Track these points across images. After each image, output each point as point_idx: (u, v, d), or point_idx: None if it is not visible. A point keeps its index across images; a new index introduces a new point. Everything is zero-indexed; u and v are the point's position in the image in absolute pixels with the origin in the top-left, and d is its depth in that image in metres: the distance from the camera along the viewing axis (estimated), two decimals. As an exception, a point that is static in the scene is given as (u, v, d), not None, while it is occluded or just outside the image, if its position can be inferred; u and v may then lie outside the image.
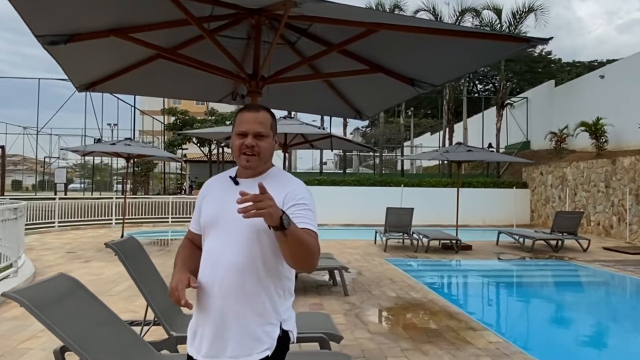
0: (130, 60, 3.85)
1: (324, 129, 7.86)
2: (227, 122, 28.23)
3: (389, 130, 35.15)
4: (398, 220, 11.68)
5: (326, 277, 7.92)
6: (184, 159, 36.16)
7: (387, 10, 22.29)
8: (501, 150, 24.16)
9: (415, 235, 11.88)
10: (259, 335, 1.79)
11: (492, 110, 25.44)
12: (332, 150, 8.69)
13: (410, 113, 37.13)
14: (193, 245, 2.05)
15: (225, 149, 30.56)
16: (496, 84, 28.10)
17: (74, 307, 3.02)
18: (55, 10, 2.84)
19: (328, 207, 18.44)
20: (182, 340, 3.73)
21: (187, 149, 34.89)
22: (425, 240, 11.76)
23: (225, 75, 3.49)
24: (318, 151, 23.86)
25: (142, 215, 18.54)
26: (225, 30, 3.61)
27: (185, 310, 4.31)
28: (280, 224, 1.54)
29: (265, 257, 1.80)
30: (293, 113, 13.38)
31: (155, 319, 3.78)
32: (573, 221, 11.92)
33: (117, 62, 3.82)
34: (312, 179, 19.82)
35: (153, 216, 18.58)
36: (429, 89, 3.78)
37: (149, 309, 3.76)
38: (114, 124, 34.66)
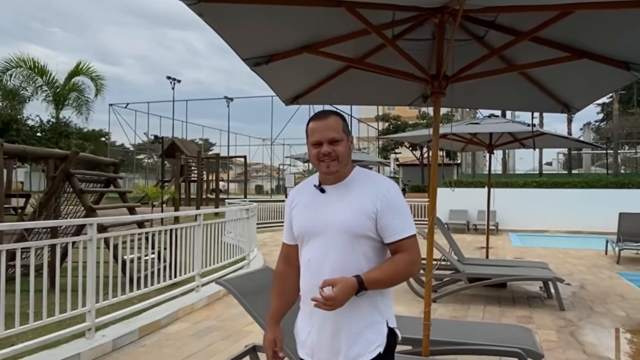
0: (325, 73, 4.15)
1: (534, 125, 7.17)
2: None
3: (628, 123, 30.25)
4: (636, 228, 9.96)
5: (539, 289, 7.23)
6: (396, 162, 37.04)
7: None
8: None
9: (661, 247, 9.97)
10: (369, 336, 1.83)
11: None
12: (534, 149, 7.88)
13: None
14: (286, 271, 2.07)
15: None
16: None
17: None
18: (255, 37, 3.25)
19: (548, 211, 16.76)
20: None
21: (400, 152, 35.71)
22: (674, 252, 9.79)
23: (408, 79, 3.50)
24: (539, 151, 21.88)
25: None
26: (410, 33, 3.63)
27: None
28: (358, 291, 1.73)
29: (367, 259, 1.83)
30: (509, 112, 12.53)
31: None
32: None
33: (314, 75, 4.16)
34: (530, 180, 18.26)
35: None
36: (650, 71, 3.17)
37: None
38: (335, 132, 37.51)
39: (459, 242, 13.93)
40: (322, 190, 1.92)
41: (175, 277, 6.23)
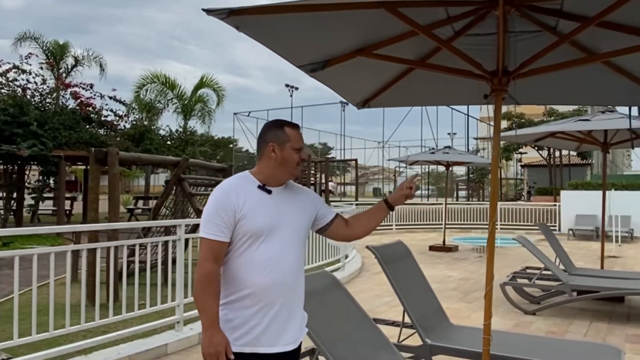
0: (390, 75, 4.04)
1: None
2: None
3: None
4: None
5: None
6: (520, 163, 34.67)
7: None
8: None
9: None
10: (305, 316, 2.29)
11: None
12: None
13: None
14: (219, 271, 2.08)
15: (564, 152, 27.78)
16: None
17: (329, 302, 3.40)
18: (304, 43, 3.29)
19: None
20: (437, 349, 3.69)
21: (525, 153, 33.38)
22: None
23: (467, 76, 3.30)
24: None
25: (471, 221, 18.82)
26: (473, 28, 3.42)
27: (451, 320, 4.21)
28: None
29: (304, 249, 2.27)
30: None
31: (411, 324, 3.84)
32: None
33: (378, 78, 4.07)
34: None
35: (483, 222, 18.62)
36: None
37: (406, 314, 3.86)
38: (454, 133, 36.31)
39: (582, 250, 12.71)
40: (269, 192, 2.14)
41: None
